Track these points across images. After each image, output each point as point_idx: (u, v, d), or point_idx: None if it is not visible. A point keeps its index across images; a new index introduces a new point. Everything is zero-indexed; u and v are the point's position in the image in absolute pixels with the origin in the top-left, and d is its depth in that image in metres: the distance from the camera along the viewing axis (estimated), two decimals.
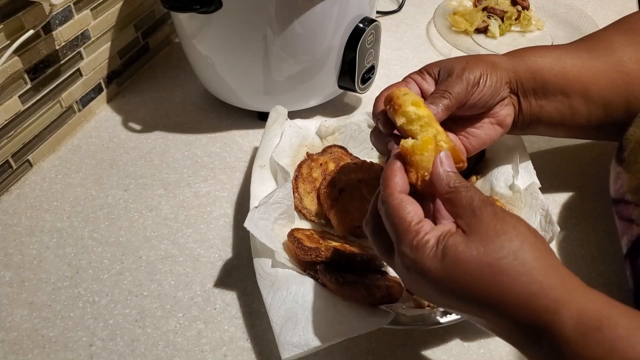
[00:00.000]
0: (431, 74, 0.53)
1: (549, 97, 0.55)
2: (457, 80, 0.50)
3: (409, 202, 0.39)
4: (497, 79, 0.53)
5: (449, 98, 0.49)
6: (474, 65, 0.52)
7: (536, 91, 0.55)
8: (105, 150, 0.74)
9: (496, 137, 0.56)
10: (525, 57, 0.55)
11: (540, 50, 0.57)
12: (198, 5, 0.61)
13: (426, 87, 0.53)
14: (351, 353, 0.51)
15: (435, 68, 0.53)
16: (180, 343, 0.52)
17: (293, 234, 0.53)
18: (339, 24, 0.67)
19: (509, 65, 0.54)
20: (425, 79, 0.53)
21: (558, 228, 0.51)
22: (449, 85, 0.50)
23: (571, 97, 0.55)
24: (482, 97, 0.52)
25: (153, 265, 0.59)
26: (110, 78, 0.80)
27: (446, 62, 0.53)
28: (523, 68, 0.54)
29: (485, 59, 0.54)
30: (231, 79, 0.72)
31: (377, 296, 0.48)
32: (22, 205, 0.66)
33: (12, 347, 0.52)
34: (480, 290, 0.35)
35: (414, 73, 0.54)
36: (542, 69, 0.54)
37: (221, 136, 0.75)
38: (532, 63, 0.55)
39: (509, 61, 0.55)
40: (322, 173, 0.63)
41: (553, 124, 0.57)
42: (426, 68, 0.54)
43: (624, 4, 1.00)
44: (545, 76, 0.54)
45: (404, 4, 1.01)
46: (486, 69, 0.52)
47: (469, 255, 0.35)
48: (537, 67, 0.54)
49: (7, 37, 0.61)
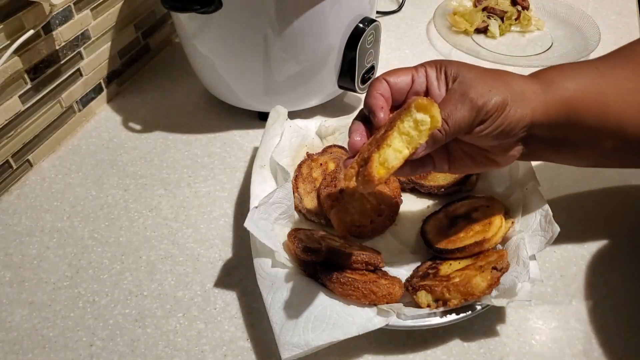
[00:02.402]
0: (447, 77, 0.46)
1: (578, 147, 0.48)
2: (464, 106, 0.43)
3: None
4: (519, 119, 0.44)
5: (443, 132, 0.43)
6: (497, 92, 0.43)
7: (558, 141, 0.47)
8: (105, 150, 0.74)
9: (482, 170, 0.51)
10: (558, 83, 0.47)
11: (576, 73, 0.48)
12: (198, 5, 0.61)
13: (435, 91, 0.46)
14: (351, 353, 0.51)
15: (452, 71, 0.45)
16: (180, 343, 0.52)
17: (293, 234, 0.53)
18: (339, 24, 0.67)
19: (540, 98, 0.45)
20: (439, 80, 0.46)
21: (558, 228, 0.51)
22: (451, 113, 0.43)
23: (604, 140, 0.47)
24: (487, 138, 0.45)
25: (153, 265, 0.59)
26: (110, 78, 0.80)
27: (466, 73, 0.45)
28: (555, 100, 0.46)
29: (513, 84, 0.45)
30: (231, 79, 0.72)
31: (377, 296, 0.48)
32: (22, 205, 0.66)
33: (12, 347, 0.52)
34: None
35: (430, 67, 0.46)
36: (579, 106, 0.46)
37: (221, 136, 0.75)
38: (567, 93, 0.46)
39: (540, 90, 0.46)
40: (322, 173, 0.63)
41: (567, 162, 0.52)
42: (445, 68, 0.46)
43: (624, 3, 1.00)
44: (581, 115, 0.46)
45: (404, 4, 1.01)
46: (510, 99, 0.44)
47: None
48: (573, 102, 0.46)
49: (7, 37, 0.61)
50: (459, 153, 0.49)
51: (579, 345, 0.51)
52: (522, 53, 0.89)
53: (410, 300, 0.51)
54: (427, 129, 0.40)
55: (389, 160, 0.40)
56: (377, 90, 0.45)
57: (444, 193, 0.62)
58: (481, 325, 0.52)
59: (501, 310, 0.53)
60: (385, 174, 0.40)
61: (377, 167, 0.40)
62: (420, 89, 0.46)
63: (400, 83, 0.46)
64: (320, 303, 0.48)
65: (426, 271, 0.52)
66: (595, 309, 0.53)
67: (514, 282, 0.47)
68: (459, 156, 0.49)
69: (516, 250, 0.51)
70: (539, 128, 0.46)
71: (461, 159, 0.49)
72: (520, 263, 0.49)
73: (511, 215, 0.56)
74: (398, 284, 0.50)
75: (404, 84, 0.46)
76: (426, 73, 0.46)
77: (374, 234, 0.59)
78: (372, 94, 0.45)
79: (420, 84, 0.46)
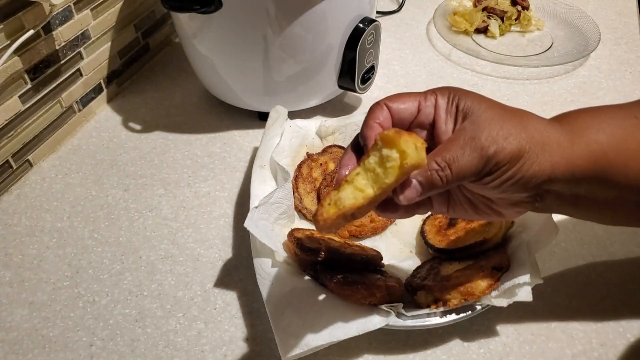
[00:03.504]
0: (459, 111, 0.39)
1: (602, 206, 0.42)
2: (473, 152, 0.36)
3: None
4: (534, 174, 0.38)
5: (444, 177, 0.37)
6: (513, 140, 0.37)
7: (580, 198, 0.41)
8: (105, 150, 0.74)
9: (484, 220, 0.47)
10: (588, 135, 0.40)
11: (612, 121, 0.41)
12: (198, 5, 0.61)
13: (441, 127, 0.39)
14: (351, 353, 0.51)
15: (466, 106, 0.38)
16: (180, 343, 0.52)
17: (293, 234, 0.53)
18: (339, 24, 0.67)
19: (565, 152, 0.39)
20: (449, 114, 0.39)
21: (558, 228, 0.51)
22: (456, 158, 0.37)
23: (637, 202, 0.41)
24: (494, 190, 0.39)
25: (153, 265, 0.59)
26: (110, 78, 0.80)
27: (481, 112, 0.38)
28: (583, 155, 0.39)
29: (534, 131, 0.38)
30: (231, 79, 0.72)
31: (377, 296, 0.48)
32: (22, 205, 0.66)
33: (12, 347, 0.52)
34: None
35: (442, 96, 0.39)
36: (611, 164, 0.39)
37: (221, 136, 0.75)
38: (597, 147, 0.39)
39: (567, 142, 0.39)
40: (322, 173, 0.63)
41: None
42: (458, 100, 0.39)
43: (624, 3, 1.00)
44: (612, 173, 0.40)
45: (404, 4, 1.01)
46: (528, 150, 0.37)
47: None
48: (604, 158, 0.39)
49: (7, 37, 0.61)
50: (460, 198, 0.43)
51: (578, 345, 0.51)
52: (522, 53, 0.89)
53: (410, 300, 0.51)
54: (394, 166, 0.35)
55: (343, 199, 0.36)
56: (376, 118, 0.39)
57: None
58: (481, 325, 0.52)
59: (501, 310, 0.53)
60: (334, 215, 0.36)
61: (327, 206, 0.36)
62: (427, 120, 0.40)
63: (403, 112, 0.40)
64: (320, 303, 0.48)
65: (426, 271, 0.52)
66: (595, 309, 0.53)
67: (514, 282, 0.47)
68: (460, 202, 0.43)
69: (516, 250, 0.51)
70: (558, 184, 0.39)
71: (461, 205, 0.43)
72: (520, 263, 0.49)
73: None
74: (398, 284, 0.50)
75: (407, 113, 0.40)
76: (436, 103, 0.39)
77: (374, 234, 0.59)
78: (369, 123, 0.39)
79: (426, 115, 0.40)
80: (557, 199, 0.41)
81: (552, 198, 0.41)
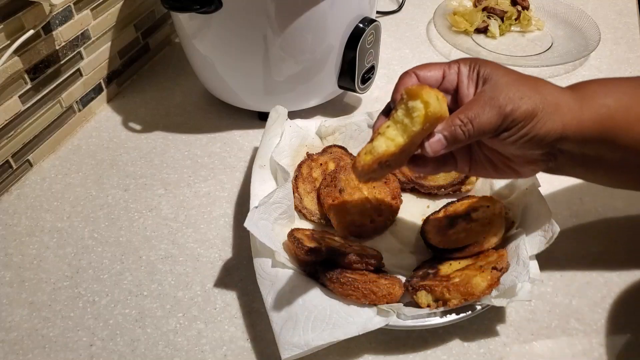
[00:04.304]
0: (479, 78, 0.44)
1: (611, 167, 0.46)
2: (492, 110, 0.41)
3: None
4: (547, 131, 0.42)
5: (466, 132, 0.41)
6: (528, 100, 0.41)
7: (590, 159, 0.45)
8: (105, 150, 0.74)
9: (502, 178, 0.50)
10: (596, 99, 0.44)
11: (618, 89, 0.45)
12: (198, 5, 0.61)
13: (464, 91, 0.44)
14: (351, 353, 0.51)
15: (485, 72, 0.43)
16: (180, 343, 0.52)
17: (293, 234, 0.53)
18: (339, 24, 0.67)
19: (575, 113, 0.43)
20: (470, 79, 0.44)
21: (558, 228, 0.51)
22: (477, 115, 0.41)
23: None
24: (511, 146, 0.43)
25: (153, 265, 0.59)
26: (110, 78, 0.80)
27: (499, 78, 0.42)
28: (591, 116, 0.43)
29: (547, 94, 0.42)
30: (231, 79, 0.72)
31: (377, 296, 0.48)
32: (22, 205, 0.66)
33: (12, 347, 0.52)
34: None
35: (464, 64, 0.44)
36: (617, 125, 0.43)
37: (221, 136, 0.75)
38: (605, 110, 0.43)
39: (576, 105, 0.43)
40: (322, 173, 0.63)
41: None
42: (479, 68, 0.44)
43: (624, 3, 1.00)
44: (618, 135, 0.43)
45: (404, 4, 1.01)
46: (541, 110, 0.41)
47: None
48: (611, 120, 0.43)
49: (7, 37, 0.61)
50: (480, 157, 0.48)
51: (579, 345, 0.51)
52: (522, 53, 0.89)
53: (410, 300, 0.51)
54: (420, 115, 0.39)
55: (377, 147, 0.40)
56: (405, 84, 0.44)
57: (444, 193, 0.62)
58: (481, 325, 0.52)
59: (501, 310, 0.53)
60: (370, 161, 0.40)
61: (363, 155, 0.40)
62: (451, 86, 0.45)
63: (429, 78, 0.45)
64: (320, 303, 0.48)
65: (426, 271, 0.52)
66: (595, 309, 0.53)
67: (514, 282, 0.47)
68: (481, 160, 0.48)
69: (516, 250, 0.51)
70: (569, 143, 0.43)
71: (482, 164, 0.48)
72: (520, 263, 0.49)
73: (511, 215, 0.56)
74: (398, 284, 0.50)
75: (433, 79, 0.45)
76: (459, 70, 0.44)
77: (374, 234, 0.59)
78: (399, 87, 0.44)
79: (450, 81, 0.45)
80: (568, 159, 0.45)
81: (564, 158, 0.45)
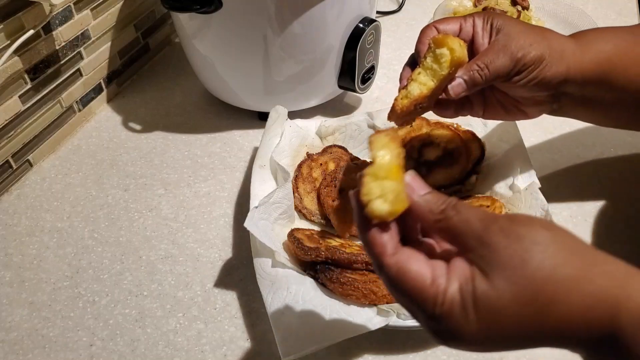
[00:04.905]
0: (493, 29, 0.48)
1: (607, 106, 0.51)
2: (505, 56, 0.46)
3: (409, 262, 0.32)
4: (553, 74, 0.47)
5: (483, 75, 0.46)
6: (536, 47, 0.46)
7: (589, 99, 0.50)
8: (105, 150, 0.74)
9: (512, 119, 0.56)
10: (595, 45, 0.49)
11: (613, 36, 0.50)
12: (198, 5, 0.61)
13: (479, 41, 0.49)
14: (351, 353, 0.51)
15: (498, 24, 0.48)
16: (180, 343, 0.52)
17: (293, 234, 0.53)
18: (339, 24, 0.67)
19: (577, 58, 0.48)
20: (485, 30, 0.49)
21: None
22: (492, 60, 0.46)
23: (634, 101, 0.50)
24: (522, 89, 0.48)
25: (153, 265, 0.59)
26: (110, 78, 0.80)
27: (510, 28, 0.47)
28: (591, 60, 0.48)
29: (553, 42, 0.48)
30: (231, 79, 0.72)
31: (377, 296, 0.48)
32: (22, 205, 0.66)
33: (12, 347, 0.52)
34: (531, 331, 0.31)
35: (478, 18, 0.49)
36: (613, 68, 0.48)
37: (221, 136, 0.75)
38: (603, 55, 0.48)
39: (578, 50, 0.48)
40: (322, 173, 0.63)
41: (595, 119, 0.56)
42: (492, 20, 0.49)
43: (624, 3, 1.00)
44: (614, 76, 0.49)
45: (404, 4, 1.01)
46: (548, 55, 0.47)
47: (506, 301, 0.30)
48: (608, 63, 0.48)
49: (7, 37, 0.61)
50: (493, 101, 0.53)
51: None
52: None
53: None
54: (447, 60, 0.45)
55: (411, 91, 0.46)
56: (427, 36, 0.49)
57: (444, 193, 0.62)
58: None
59: None
60: (408, 103, 0.47)
61: (400, 100, 0.47)
62: (467, 37, 0.49)
63: (448, 30, 0.50)
64: (320, 303, 0.48)
65: None
66: None
67: None
68: (493, 104, 0.54)
69: None
70: (572, 85, 0.49)
71: (495, 107, 0.54)
72: None
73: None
74: None
75: (451, 31, 0.50)
76: (474, 23, 0.49)
77: None
78: (422, 39, 0.50)
79: (467, 33, 0.49)
80: (570, 100, 0.50)
81: (566, 99, 0.50)
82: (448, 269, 0.32)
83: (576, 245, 0.32)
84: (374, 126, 0.67)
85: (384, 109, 0.67)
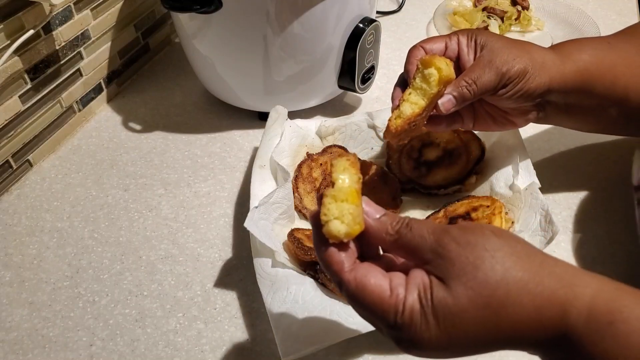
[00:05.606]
0: (477, 45, 0.51)
1: (588, 113, 0.53)
2: (491, 71, 0.48)
3: (367, 276, 0.34)
4: (537, 85, 0.50)
5: (471, 91, 0.48)
6: (519, 61, 0.49)
7: (571, 107, 0.53)
8: (105, 150, 0.74)
9: (501, 130, 0.57)
10: (574, 55, 0.51)
11: (591, 46, 0.53)
12: (198, 5, 0.61)
13: (465, 57, 0.51)
14: (351, 353, 0.51)
15: (481, 40, 0.50)
16: (180, 343, 0.52)
17: (293, 234, 0.53)
18: (339, 24, 0.67)
19: (558, 68, 0.50)
20: (470, 47, 0.51)
21: (558, 228, 0.51)
22: (479, 76, 0.48)
23: (611, 107, 0.53)
24: (508, 100, 0.50)
25: (153, 265, 0.59)
26: (110, 78, 0.81)
27: (493, 43, 0.50)
28: (571, 70, 0.51)
29: (534, 54, 0.50)
30: (231, 79, 0.72)
31: None
32: (22, 205, 0.66)
33: (12, 347, 0.52)
34: (488, 333, 0.32)
35: (462, 35, 0.52)
36: (592, 76, 0.51)
37: (221, 136, 0.75)
38: (582, 64, 0.51)
39: (559, 61, 0.51)
40: (322, 173, 0.63)
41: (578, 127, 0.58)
42: (475, 37, 0.51)
43: (624, 3, 1.00)
44: (593, 84, 0.51)
45: (404, 4, 1.01)
46: (531, 67, 0.49)
47: (463, 306, 0.32)
48: (587, 72, 0.51)
49: (7, 37, 0.61)
50: (482, 114, 0.56)
51: None
52: None
53: None
54: (435, 80, 0.47)
55: (404, 111, 0.49)
56: (415, 57, 0.52)
57: (444, 193, 0.62)
58: None
59: None
60: (402, 123, 0.49)
61: (394, 120, 0.49)
62: (453, 54, 0.52)
63: (434, 50, 0.52)
64: (320, 303, 0.48)
65: None
66: None
67: None
68: (483, 116, 0.56)
69: None
70: (555, 95, 0.51)
71: (484, 119, 0.56)
72: None
73: (511, 215, 0.56)
74: None
75: (437, 50, 0.52)
76: (458, 40, 0.51)
77: None
78: (410, 60, 0.52)
79: (452, 50, 0.52)
80: (554, 108, 0.53)
81: (551, 108, 0.53)
82: (407, 280, 0.34)
83: (525, 249, 0.33)
84: (374, 126, 0.67)
85: (383, 109, 0.67)
